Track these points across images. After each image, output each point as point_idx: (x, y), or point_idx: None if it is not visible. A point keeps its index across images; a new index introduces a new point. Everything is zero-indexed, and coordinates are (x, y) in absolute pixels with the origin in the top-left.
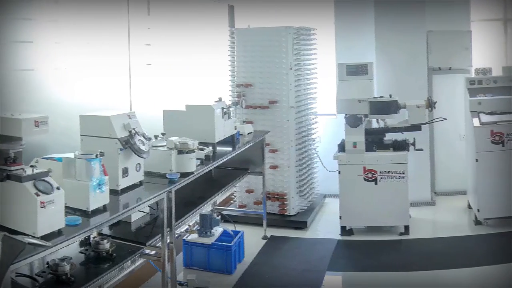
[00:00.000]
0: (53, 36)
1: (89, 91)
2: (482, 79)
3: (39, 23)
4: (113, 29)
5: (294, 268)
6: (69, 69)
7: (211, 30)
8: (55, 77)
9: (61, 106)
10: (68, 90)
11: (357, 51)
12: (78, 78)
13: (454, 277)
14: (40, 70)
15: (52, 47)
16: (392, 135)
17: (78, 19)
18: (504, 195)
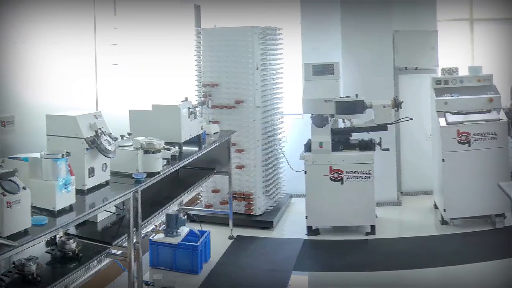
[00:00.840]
0: (19, 36)
1: (55, 91)
2: (448, 79)
3: (4, 22)
4: (79, 29)
5: (260, 268)
6: (35, 69)
7: (178, 30)
8: (21, 77)
9: (28, 106)
10: (35, 90)
11: (323, 51)
12: (44, 78)
13: (420, 277)
14: (5, 70)
15: (18, 47)
16: (358, 135)
17: (44, 19)
18: (470, 195)
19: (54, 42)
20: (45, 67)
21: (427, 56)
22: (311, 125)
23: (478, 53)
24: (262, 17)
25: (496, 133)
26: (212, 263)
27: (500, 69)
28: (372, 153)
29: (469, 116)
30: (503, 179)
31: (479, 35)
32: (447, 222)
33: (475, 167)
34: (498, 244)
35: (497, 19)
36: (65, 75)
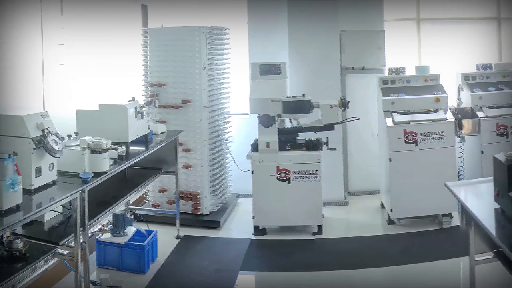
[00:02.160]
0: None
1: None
2: (395, 78)
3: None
4: (26, 29)
5: (207, 268)
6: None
7: (125, 30)
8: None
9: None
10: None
11: (270, 50)
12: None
13: (367, 277)
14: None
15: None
16: (305, 134)
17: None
18: (417, 194)
19: (0, 42)
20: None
21: (374, 56)
22: (258, 125)
23: (425, 53)
24: (209, 17)
25: (443, 133)
26: (159, 263)
27: (447, 69)
28: (319, 153)
29: (416, 116)
30: (450, 179)
31: (426, 35)
32: (394, 222)
33: (422, 167)
34: (445, 244)
35: (443, 19)
36: (12, 75)
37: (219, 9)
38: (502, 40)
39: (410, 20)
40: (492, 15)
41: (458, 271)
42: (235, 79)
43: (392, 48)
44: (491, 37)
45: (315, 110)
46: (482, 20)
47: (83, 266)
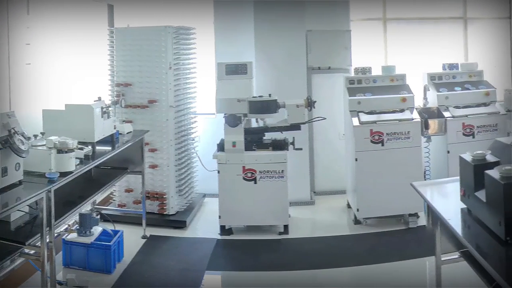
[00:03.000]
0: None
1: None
2: (362, 78)
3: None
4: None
5: (173, 268)
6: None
7: (91, 29)
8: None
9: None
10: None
11: (236, 50)
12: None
13: (333, 277)
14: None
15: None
16: (271, 134)
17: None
18: (384, 194)
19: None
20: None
21: (340, 56)
22: (224, 124)
23: (391, 53)
24: (175, 16)
25: (409, 132)
26: (125, 263)
27: (414, 69)
28: (285, 152)
29: (382, 116)
30: (416, 179)
31: (392, 34)
32: (360, 221)
33: (388, 167)
34: (411, 244)
35: (410, 18)
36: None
37: (186, 9)
38: (468, 39)
39: (376, 20)
40: (458, 15)
41: (424, 271)
42: (201, 79)
43: (358, 48)
44: (457, 37)
45: (281, 110)
46: (448, 20)
47: (49, 266)
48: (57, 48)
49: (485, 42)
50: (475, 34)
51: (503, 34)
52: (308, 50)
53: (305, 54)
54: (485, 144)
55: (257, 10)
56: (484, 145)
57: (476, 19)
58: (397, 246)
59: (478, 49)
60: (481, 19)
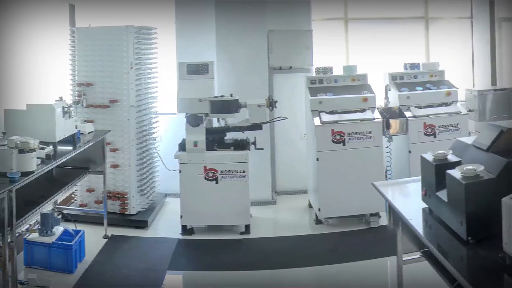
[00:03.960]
0: None
1: None
2: (323, 78)
3: None
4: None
5: (134, 268)
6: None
7: (52, 29)
8: None
9: None
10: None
11: (198, 50)
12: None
13: (295, 277)
14: None
15: None
16: (233, 134)
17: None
18: (345, 194)
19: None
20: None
21: (302, 56)
22: (185, 124)
23: (352, 53)
24: (136, 16)
25: (370, 132)
26: (86, 263)
27: (375, 69)
28: (246, 152)
29: (344, 116)
30: (378, 179)
31: (353, 34)
32: (321, 221)
33: (349, 167)
34: (373, 244)
35: (371, 18)
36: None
37: (147, 9)
38: (430, 39)
39: (338, 19)
40: (420, 15)
41: (386, 270)
42: (163, 79)
43: (319, 48)
44: (419, 37)
45: (243, 109)
46: (409, 20)
47: (11, 266)
48: (18, 47)
49: (447, 42)
50: (437, 34)
51: (464, 34)
52: (269, 50)
53: (266, 54)
54: (446, 144)
55: (218, 10)
56: (445, 145)
57: (437, 19)
58: (358, 246)
59: (440, 49)
60: (443, 19)
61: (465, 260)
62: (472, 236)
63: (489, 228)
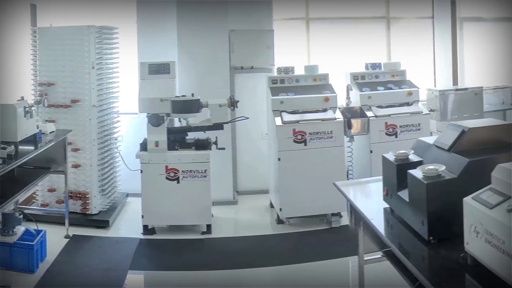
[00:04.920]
0: None
1: None
2: (284, 78)
3: None
4: None
5: (96, 267)
6: None
7: (13, 29)
8: None
9: None
10: None
11: (159, 50)
12: None
13: (256, 276)
14: None
15: None
16: (194, 134)
17: None
18: (307, 194)
19: None
20: None
21: (263, 55)
22: (147, 124)
23: (314, 52)
24: (98, 16)
25: (332, 132)
26: (48, 262)
27: (336, 68)
28: (208, 152)
29: (305, 116)
30: (339, 179)
31: (315, 34)
32: (283, 221)
33: (311, 167)
34: (334, 243)
35: (332, 18)
36: None
37: (109, 9)
38: (391, 39)
39: (299, 19)
40: (381, 15)
41: (347, 270)
42: (124, 79)
43: (281, 48)
44: (380, 37)
45: (204, 109)
46: (371, 20)
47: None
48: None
49: (408, 42)
50: (398, 33)
51: (426, 34)
52: (231, 50)
53: (228, 54)
54: (407, 143)
55: (180, 10)
56: (407, 145)
57: (399, 19)
58: (320, 245)
59: (401, 49)
60: (404, 19)
61: (426, 260)
62: (433, 236)
63: (451, 228)
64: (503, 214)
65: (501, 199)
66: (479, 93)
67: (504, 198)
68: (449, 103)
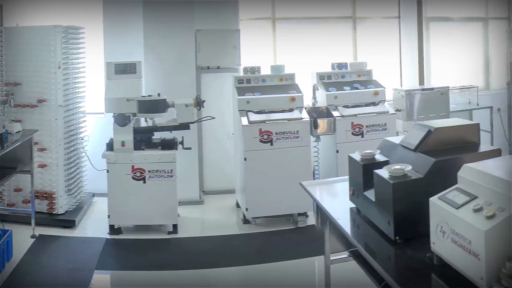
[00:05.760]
0: None
1: None
2: (251, 78)
3: None
4: None
5: (62, 267)
6: None
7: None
8: None
9: None
10: None
11: (125, 50)
12: None
13: (222, 276)
14: None
15: None
16: (160, 134)
17: None
18: (273, 194)
19: None
20: None
21: (230, 55)
22: (113, 124)
23: (280, 52)
24: (64, 16)
25: (298, 132)
26: (14, 262)
27: (303, 68)
28: (174, 152)
29: (272, 115)
30: (306, 178)
31: (281, 34)
32: (249, 221)
33: (277, 166)
34: (301, 243)
35: (299, 18)
36: None
37: (75, 8)
38: (358, 39)
39: (265, 19)
40: (348, 14)
41: (313, 270)
42: (91, 79)
43: (247, 48)
44: (347, 36)
45: (171, 109)
46: (337, 19)
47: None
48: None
49: (374, 42)
50: (364, 33)
51: (392, 34)
52: (197, 50)
53: (194, 54)
54: (374, 143)
55: (146, 9)
56: (373, 145)
57: (365, 19)
58: (286, 245)
59: (367, 49)
60: (370, 19)
61: (392, 259)
62: (399, 236)
63: (417, 228)
64: (469, 214)
65: (467, 199)
66: (445, 93)
67: (471, 198)
68: (415, 103)
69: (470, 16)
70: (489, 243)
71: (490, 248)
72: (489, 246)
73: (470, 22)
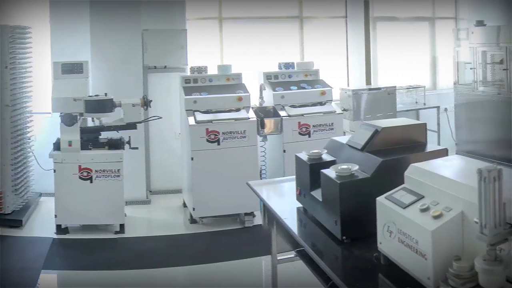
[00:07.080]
0: None
1: None
2: (198, 77)
3: None
4: None
5: (9, 268)
6: None
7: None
8: None
9: None
10: None
11: (72, 49)
12: None
13: (169, 276)
14: None
15: None
16: (107, 133)
17: None
18: (220, 194)
19: None
20: None
21: (176, 55)
22: (60, 123)
23: (227, 52)
24: (10, 16)
25: (245, 131)
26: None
27: (250, 68)
28: (121, 152)
29: (219, 115)
30: (252, 178)
31: (228, 33)
32: (196, 221)
33: (224, 166)
34: (247, 243)
35: (246, 18)
36: None
37: (21, 8)
38: (304, 39)
39: (212, 19)
40: (294, 14)
41: (260, 270)
42: (37, 78)
43: (194, 47)
44: (294, 36)
45: (117, 109)
46: (284, 19)
47: None
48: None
49: (321, 42)
50: (311, 33)
51: (339, 34)
52: (144, 49)
53: (141, 53)
54: (321, 143)
55: (93, 9)
56: (320, 144)
57: (312, 18)
58: (233, 245)
59: (314, 48)
60: (317, 18)
61: (339, 259)
62: (346, 236)
63: (364, 227)
64: (416, 214)
65: (414, 198)
66: (392, 92)
67: (417, 198)
68: (362, 103)
69: (417, 16)
70: (436, 243)
71: (437, 248)
72: (436, 246)
73: (417, 22)
